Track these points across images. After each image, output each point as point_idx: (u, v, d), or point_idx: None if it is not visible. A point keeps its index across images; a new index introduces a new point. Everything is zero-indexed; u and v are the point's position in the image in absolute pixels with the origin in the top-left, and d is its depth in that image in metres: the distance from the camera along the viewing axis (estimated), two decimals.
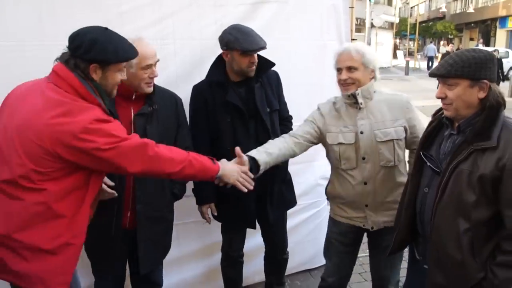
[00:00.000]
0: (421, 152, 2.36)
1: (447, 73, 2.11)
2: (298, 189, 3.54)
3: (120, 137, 2.15)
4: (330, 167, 3.08)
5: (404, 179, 2.81)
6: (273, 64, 3.20)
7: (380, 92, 2.94)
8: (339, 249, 3.08)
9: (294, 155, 2.94)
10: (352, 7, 4.14)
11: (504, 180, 2.03)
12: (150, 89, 2.76)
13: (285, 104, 3.41)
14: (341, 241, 3.06)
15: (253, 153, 2.78)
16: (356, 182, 2.85)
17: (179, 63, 3.38)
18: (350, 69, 2.79)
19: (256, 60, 3.06)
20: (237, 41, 2.97)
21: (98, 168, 2.20)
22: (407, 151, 3.03)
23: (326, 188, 3.14)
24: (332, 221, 3.12)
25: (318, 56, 3.90)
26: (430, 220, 2.24)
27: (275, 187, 3.27)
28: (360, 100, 2.81)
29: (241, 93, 3.15)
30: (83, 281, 2.97)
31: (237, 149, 2.72)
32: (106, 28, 2.23)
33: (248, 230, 3.46)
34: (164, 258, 3.12)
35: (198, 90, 3.21)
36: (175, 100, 3.01)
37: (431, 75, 2.23)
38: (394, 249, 2.59)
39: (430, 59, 33.02)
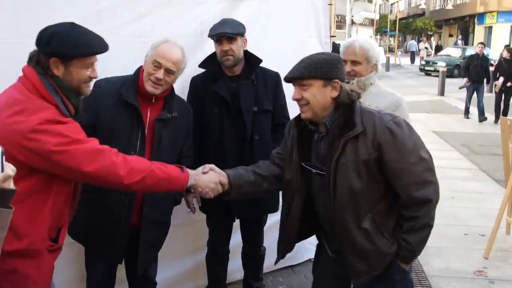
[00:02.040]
0: (302, 164, 2.38)
1: (301, 74, 2.23)
2: None
3: (72, 138, 2.06)
4: None
5: None
6: (260, 60, 3.23)
7: (378, 86, 3.05)
8: None
9: None
10: (331, 4, 4.16)
11: (384, 156, 2.17)
12: (153, 90, 2.70)
13: (282, 109, 3.38)
14: None
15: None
16: None
17: None
18: (354, 62, 2.96)
19: (228, 49, 3.06)
20: (210, 30, 3.09)
21: (52, 171, 2.09)
22: None
23: None
24: None
25: (298, 53, 3.85)
26: (332, 218, 2.30)
27: None
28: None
29: (233, 87, 3.18)
30: None
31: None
32: (73, 23, 2.16)
33: (234, 227, 3.49)
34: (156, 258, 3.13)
35: (193, 81, 3.28)
36: (189, 110, 3.02)
37: (287, 80, 2.33)
38: (281, 256, 2.68)
39: (412, 53, 34.00)
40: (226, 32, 3.03)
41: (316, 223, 2.52)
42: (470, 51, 22.96)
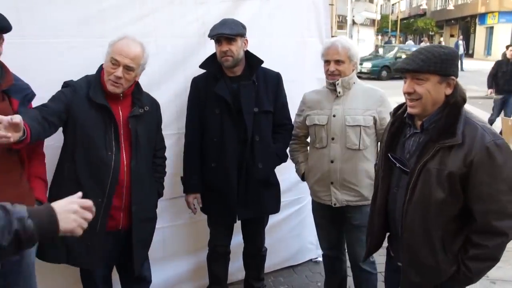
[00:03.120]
0: (389, 155, 2.31)
1: (419, 68, 2.08)
2: (281, 186, 3.55)
3: None
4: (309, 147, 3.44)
5: (368, 165, 3.08)
6: (261, 61, 3.23)
7: (360, 84, 3.23)
8: (322, 224, 3.42)
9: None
10: (332, 4, 4.19)
11: (472, 175, 2.03)
12: (113, 89, 2.70)
13: (283, 110, 3.38)
14: (321, 217, 3.39)
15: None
16: (325, 160, 3.14)
17: (161, 61, 3.37)
18: (337, 62, 3.07)
19: (227, 50, 3.06)
20: (210, 30, 3.10)
21: None
22: None
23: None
24: (312, 203, 3.45)
25: (299, 53, 3.93)
26: (401, 220, 2.23)
27: (250, 187, 3.25)
28: (339, 89, 3.11)
29: (234, 87, 3.18)
30: None
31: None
32: None
33: (234, 227, 3.49)
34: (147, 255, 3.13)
35: (195, 81, 3.28)
36: (156, 105, 3.04)
37: (400, 70, 2.18)
38: (368, 253, 2.62)
39: None
40: (225, 33, 3.03)
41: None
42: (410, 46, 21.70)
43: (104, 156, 2.67)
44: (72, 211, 1.58)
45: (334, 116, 3.11)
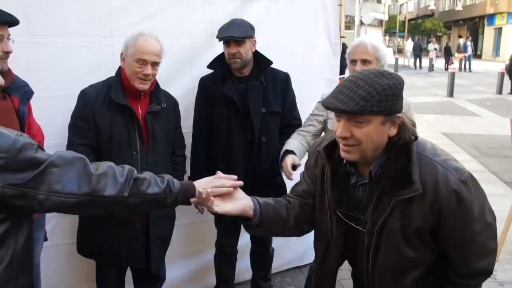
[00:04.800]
0: (338, 212, 1.88)
1: (360, 109, 1.60)
2: (287, 187, 3.54)
3: None
4: None
5: None
6: (270, 62, 3.22)
7: None
8: None
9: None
10: (341, 5, 4.16)
11: (442, 224, 1.73)
12: (143, 86, 2.73)
13: (291, 109, 3.35)
14: None
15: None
16: None
17: (169, 61, 3.36)
18: (364, 62, 2.88)
19: (236, 52, 3.05)
20: (218, 31, 3.07)
21: None
22: None
23: None
24: None
25: (307, 53, 3.92)
26: (372, 283, 1.88)
27: (257, 188, 3.09)
28: None
29: (241, 88, 3.17)
30: None
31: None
32: None
33: (242, 227, 3.47)
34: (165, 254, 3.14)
35: (202, 82, 3.27)
36: (174, 102, 3.05)
37: (333, 110, 1.69)
38: None
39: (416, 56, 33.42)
40: (234, 35, 3.01)
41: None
42: None
43: (129, 156, 2.69)
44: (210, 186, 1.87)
45: None
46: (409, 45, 34.16)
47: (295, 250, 4.27)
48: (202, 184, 1.89)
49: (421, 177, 1.68)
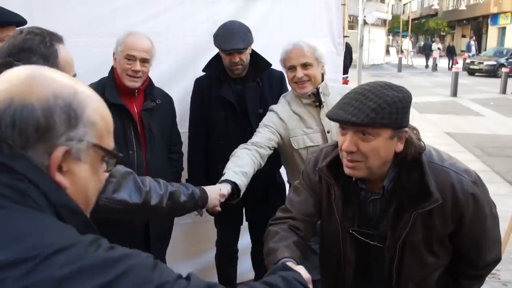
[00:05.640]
0: (351, 231, 1.84)
1: (370, 121, 1.53)
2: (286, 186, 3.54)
3: None
4: (288, 173, 3.12)
5: None
6: (269, 65, 3.19)
7: (331, 86, 2.85)
8: None
9: (260, 167, 2.68)
10: (344, 4, 4.14)
11: (465, 225, 1.73)
12: (133, 84, 2.73)
13: None
14: None
15: (233, 177, 2.38)
16: None
17: (172, 61, 3.37)
18: (305, 66, 2.68)
19: (238, 60, 3.00)
20: (217, 38, 3.01)
21: None
22: None
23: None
24: None
25: None
26: None
27: (256, 188, 3.05)
28: (322, 98, 2.73)
29: (238, 89, 3.15)
30: None
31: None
32: None
33: (242, 227, 3.49)
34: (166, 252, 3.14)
35: (197, 84, 3.24)
36: (169, 99, 3.04)
37: (342, 122, 1.61)
38: None
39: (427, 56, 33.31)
40: (240, 48, 2.94)
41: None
42: None
43: (125, 156, 2.69)
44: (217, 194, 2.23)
45: (328, 132, 2.74)
46: (406, 44, 34.09)
47: None
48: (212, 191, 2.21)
49: (438, 186, 1.66)
